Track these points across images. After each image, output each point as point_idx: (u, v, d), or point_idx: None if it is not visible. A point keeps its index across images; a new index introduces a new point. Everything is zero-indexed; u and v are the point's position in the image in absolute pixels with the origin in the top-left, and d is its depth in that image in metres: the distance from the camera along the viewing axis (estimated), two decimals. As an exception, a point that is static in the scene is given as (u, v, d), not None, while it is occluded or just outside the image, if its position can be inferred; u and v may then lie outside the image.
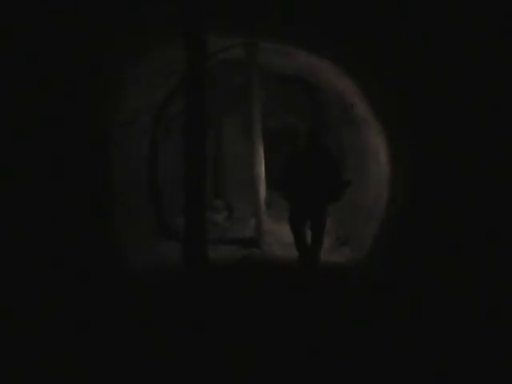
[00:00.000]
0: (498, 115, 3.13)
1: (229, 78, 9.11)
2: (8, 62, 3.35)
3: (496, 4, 3.01)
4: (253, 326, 3.97)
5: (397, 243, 5.37)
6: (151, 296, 4.67)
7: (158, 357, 3.32)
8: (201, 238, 4.98)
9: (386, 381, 3.06)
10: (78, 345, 3.39)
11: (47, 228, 3.83)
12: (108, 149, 5.37)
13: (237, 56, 7.68)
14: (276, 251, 7.27)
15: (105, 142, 5.27)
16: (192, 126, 4.97)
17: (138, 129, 6.80)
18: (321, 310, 4.44)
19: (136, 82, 6.06)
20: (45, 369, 3.06)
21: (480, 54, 3.26)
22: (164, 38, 5.56)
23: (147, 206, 7.28)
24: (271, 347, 3.53)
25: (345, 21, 4.65)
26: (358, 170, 8.36)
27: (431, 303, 3.79)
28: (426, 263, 4.24)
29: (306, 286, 5.28)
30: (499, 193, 3.17)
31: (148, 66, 6.08)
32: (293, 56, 7.22)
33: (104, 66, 4.91)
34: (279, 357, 3.37)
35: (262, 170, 7.57)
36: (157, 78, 6.69)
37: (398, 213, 5.59)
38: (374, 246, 6.28)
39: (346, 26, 4.78)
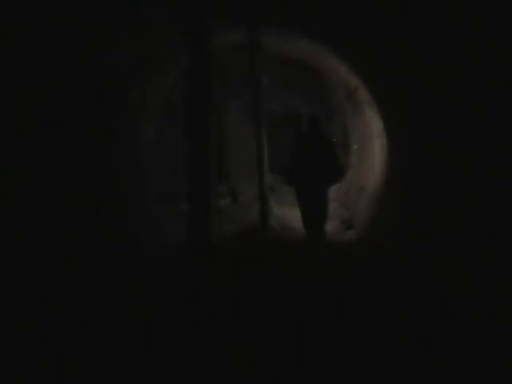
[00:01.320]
0: (498, 115, 3.13)
1: (233, 63, 9.03)
2: (8, 61, 3.35)
3: (496, 4, 3.01)
4: (255, 323, 3.96)
5: (394, 229, 5.46)
6: (151, 295, 4.67)
7: (158, 357, 3.32)
8: (206, 229, 4.98)
9: (385, 381, 3.05)
10: (78, 345, 3.39)
11: (47, 228, 3.83)
12: (107, 148, 5.36)
13: (240, 40, 7.60)
14: (280, 234, 7.27)
15: (104, 141, 5.26)
16: (196, 120, 4.94)
17: (142, 118, 6.73)
18: (320, 307, 4.44)
19: (136, 82, 6.05)
20: (45, 369, 3.06)
21: (480, 53, 3.26)
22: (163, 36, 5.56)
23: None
24: (271, 346, 3.52)
25: (345, 21, 4.65)
26: (361, 154, 8.37)
27: (431, 303, 3.79)
28: (426, 263, 4.24)
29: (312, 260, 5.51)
30: (499, 193, 3.17)
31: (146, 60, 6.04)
32: (296, 41, 7.18)
33: (104, 66, 4.91)
34: (279, 356, 3.37)
35: (265, 154, 7.60)
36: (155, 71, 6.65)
37: (397, 200, 5.66)
38: (375, 227, 6.39)
39: (347, 27, 4.78)
